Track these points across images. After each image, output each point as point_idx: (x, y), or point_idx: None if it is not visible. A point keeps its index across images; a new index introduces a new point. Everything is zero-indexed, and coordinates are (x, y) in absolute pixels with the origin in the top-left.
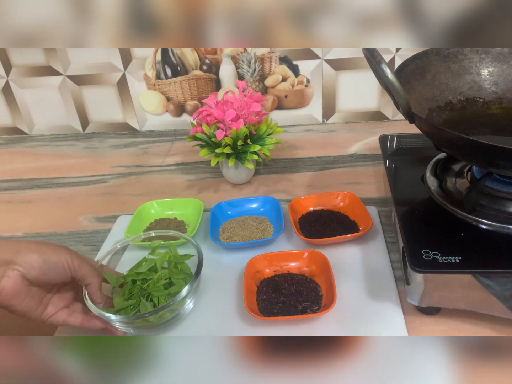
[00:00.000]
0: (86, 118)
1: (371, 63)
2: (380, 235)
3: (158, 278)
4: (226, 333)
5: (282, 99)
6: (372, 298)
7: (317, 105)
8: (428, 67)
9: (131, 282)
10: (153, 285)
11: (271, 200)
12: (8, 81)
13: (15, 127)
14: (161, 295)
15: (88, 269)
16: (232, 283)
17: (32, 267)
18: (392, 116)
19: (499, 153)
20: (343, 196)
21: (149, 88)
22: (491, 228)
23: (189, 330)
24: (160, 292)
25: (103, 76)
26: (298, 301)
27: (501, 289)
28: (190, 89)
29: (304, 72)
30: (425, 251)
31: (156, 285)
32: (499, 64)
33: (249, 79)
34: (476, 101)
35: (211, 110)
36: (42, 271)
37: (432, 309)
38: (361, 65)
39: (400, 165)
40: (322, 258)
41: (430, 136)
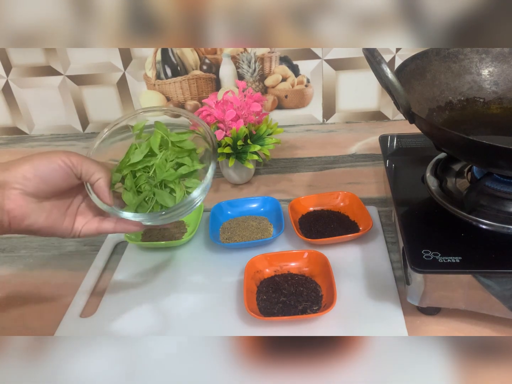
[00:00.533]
0: (86, 118)
1: (371, 63)
2: (380, 235)
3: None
4: (226, 333)
5: (282, 99)
6: (372, 298)
7: (317, 105)
8: (428, 67)
9: (131, 174)
10: (160, 171)
11: (271, 200)
12: (8, 81)
13: (15, 127)
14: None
15: (91, 163)
16: (232, 283)
17: (27, 179)
18: (392, 116)
19: (499, 153)
20: (343, 196)
21: (149, 88)
22: (491, 228)
23: (189, 330)
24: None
25: (103, 76)
26: (298, 301)
27: (501, 289)
28: (190, 89)
29: (304, 72)
30: (425, 251)
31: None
32: (499, 64)
33: (249, 79)
34: (476, 101)
35: (211, 110)
36: (42, 180)
37: (432, 309)
38: (361, 65)
39: (400, 165)
40: (322, 258)
41: (430, 136)
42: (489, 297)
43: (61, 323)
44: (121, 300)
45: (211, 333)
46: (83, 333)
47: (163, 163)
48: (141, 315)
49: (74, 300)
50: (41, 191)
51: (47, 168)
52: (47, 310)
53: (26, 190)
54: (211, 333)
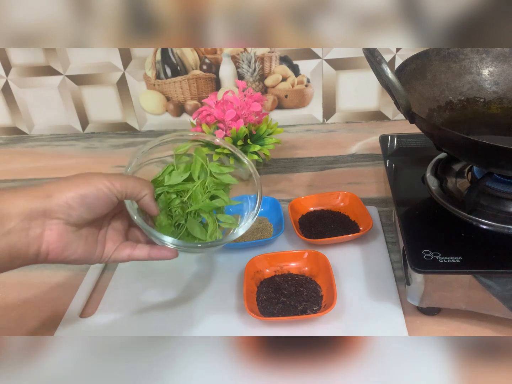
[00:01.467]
0: (85, 118)
1: (372, 63)
2: (381, 235)
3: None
4: (226, 333)
5: (282, 99)
6: (372, 298)
7: (317, 105)
8: (428, 67)
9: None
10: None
11: (271, 200)
12: (7, 81)
13: (14, 127)
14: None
15: (135, 182)
16: (232, 283)
17: (72, 208)
18: (392, 116)
19: (499, 153)
20: (343, 196)
21: (149, 88)
22: (491, 228)
23: (189, 330)
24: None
25: (103, 76)
26: (298, 301)
27: (501, 289)
28: (190, 89)
29: (304, 72)
30: (425, 251)
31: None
32: (500, 64)
33: (249, 79)
34: (477, 101)
35: (211, 110)
36: (85, 209)
37: (433, 310)
38: (361, 65)
39: (400, 165)
40: (322, 258)
41: (430, 136)
42: (490, 297)
43: (61, 323)
44: (121, 300)
45: (211, 333)
46: (83, 333)
47: (200, 192)
48: (141, 315)
49: (74, 300)
50: (83, 220)
51: (93, 196)
52: (47, 310)
53: (69, 220)
54: (211, 333)
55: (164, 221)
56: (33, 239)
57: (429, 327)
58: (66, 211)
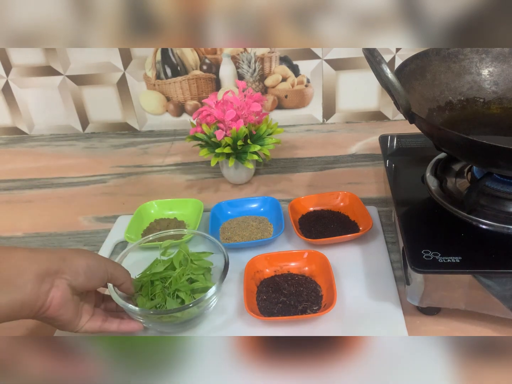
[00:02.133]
0: (86, 118)
1: (371, 63)
2: (380, 235)
3: (179, 275)
4: (226, 333)
5: (282, 99)
6: (372, 298)
7: (317, 105)
8: (428, 67)
9: (150, 283)
10: (175, 282)
11: (271, 200)
12: (8, 81)
13: (15, 127)
14: (187, 290)
15: (121, 268)
16: (232, 283)
17: (78, 273)
18: (392, 116)
19: (499, 153)
20: (343, 196)
21: (149, 88)
22: (491, 228)
23: (189, 330)
24: (185, 288)
25: (103, 76)
26: (298, 301)
27: (501, 289)
28: (190, 89)
29: (304, 72)
30: (425, 251)
31: (179, 282)
32: (499, 64)
33: (249, 79)
34: (476, 101)
35: (211, 110)
36: (87, 277)
37: (432, 309)
38: (361, 65)
39: (400, 165)
40: (322, 258)
41: (430, 136)
42: (489, 297)
43: None
44: None
45: (211, 333)
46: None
47: (180, 276)
48: None
49: None
50: (81, 287)
51: (96, 269)
52: None
53: (73, 283)
54: (211, 333)
55: (147, 303)
56: (42, 293)
57: (429, 327)
58: (74, 275)
